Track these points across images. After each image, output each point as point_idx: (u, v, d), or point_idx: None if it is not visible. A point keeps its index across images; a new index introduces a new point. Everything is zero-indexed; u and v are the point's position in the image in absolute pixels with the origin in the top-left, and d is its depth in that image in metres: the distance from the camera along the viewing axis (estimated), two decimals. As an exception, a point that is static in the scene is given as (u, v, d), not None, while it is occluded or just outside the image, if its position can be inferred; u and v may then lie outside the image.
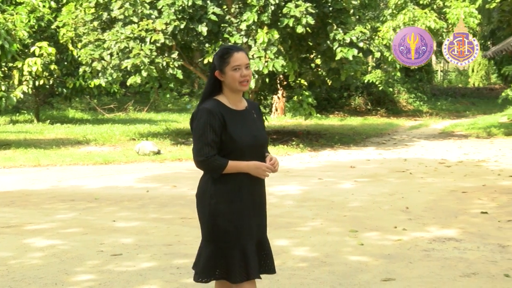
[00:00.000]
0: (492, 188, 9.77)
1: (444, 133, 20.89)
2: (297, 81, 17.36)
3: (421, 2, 24.14)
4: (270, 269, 3.73)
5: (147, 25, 15.24)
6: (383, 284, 5.12)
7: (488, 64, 42.06)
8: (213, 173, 3.54)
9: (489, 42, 36.56)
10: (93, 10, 16.70)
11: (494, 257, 5.85)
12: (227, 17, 15.99)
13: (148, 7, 15.45)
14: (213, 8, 15.47)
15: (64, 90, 23.57)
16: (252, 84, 14.92)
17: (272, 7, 14.99)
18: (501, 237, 6.64)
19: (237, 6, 16.07)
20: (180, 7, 15.10)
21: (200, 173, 3.71)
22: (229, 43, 15.59)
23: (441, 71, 47.54)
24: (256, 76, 14.95)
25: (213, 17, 15.36)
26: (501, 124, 21.98)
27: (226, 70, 3.52)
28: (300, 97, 16.51)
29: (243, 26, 15.25)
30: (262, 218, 3.70)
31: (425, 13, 22.88)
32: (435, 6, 24.31)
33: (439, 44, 35.92)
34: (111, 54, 15.71)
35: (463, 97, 36.96)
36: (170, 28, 15.12)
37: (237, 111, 3.59)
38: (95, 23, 16.81)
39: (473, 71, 42.84)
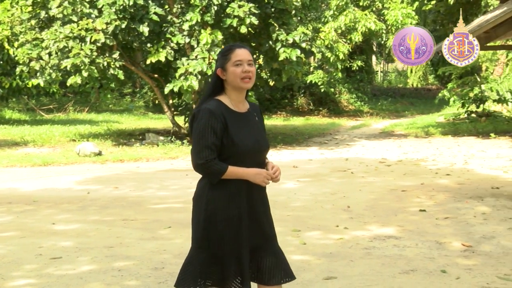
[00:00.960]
0: (430, 186, 10.01)
1: (384, 133, 21.29)
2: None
3: (361, 4, 24.55)
4: (273, 279, 3.48)
5: (87, 24, 14.99)
6: (325, 283, 5.18)
7: (425, 65, 43.07)
8: (212, 178, 3.38)
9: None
10: (30, 9, 16.29)
11: (432, 254, 5.99)
12: (169, 17, 15.88)
13: (87, 6, 15.19)
14: (155, 8, 15.33)
15: (0, 90, 22.93)
16: (196, 85, 14.86)
17: (215, 7, 14.97)
18: (438, 234, 6.80)
19: (179, 6, 15.97)
20: (121, 7, 14.90)
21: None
22: (172, 43, 15.49)
23: (381, 71, 48.43)
24: (200, 76, 14.90)
25: (155, 17, 15.22)
26: (438, 124, 22.55)
27: (228, 66, 3.39)
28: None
29: (185, 26, 15.17)
30: (262, 225, 3.49)
31: (365, 14, 23.29)
32: (374, 8, 24.76)
33: (379, 45, 36.52)
34: (49, 54, 15.37)
35: (402, 97, 37.75)
36: (110, 28, 14.91)
37: (239, 113, 3.44)
38: (33, 22, 16.42)
39: (411, 72, 43.79)
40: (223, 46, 15.25)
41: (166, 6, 16.03)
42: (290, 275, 3.53)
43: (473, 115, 22.51)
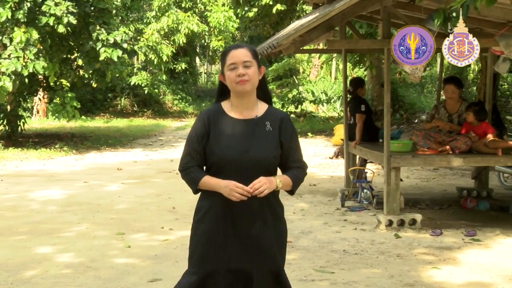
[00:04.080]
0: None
1: (209, 133, 21.52)
2: (59, 82, 16.68)
3: (183, 5, 24.69)
4: None
5: None
6: (150, 285, 5.14)
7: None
8: (190, 186, 3.18)
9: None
10: None
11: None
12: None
13: None
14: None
15: None
16: (10, 86, 14.00)
17: (29, 4, 14.20)
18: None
19: (-13, 0, 14.94)
20: None
21: None
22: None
23: (205, 73, 49.06)
24: (13, 77, 14.07)
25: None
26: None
27: (225, 70, 3.15)
28: (63, 99, 15.90)
29: (-5, 22, 14.22)
30: (248, 246, 3.13)
31: (188, 16, 23.46)
32: (197, 10, 25.02)
33: (202, 47, 36.99)
34: None
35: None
36: None
37: (236, 119, 3.16)
38: None
39: (234, 73, 44.86)
40: (39, 45, 14.61)
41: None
42: None
43: (292, 115, 23.59)
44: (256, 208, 3.13)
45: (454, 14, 5.59)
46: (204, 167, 3.22)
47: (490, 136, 7.34)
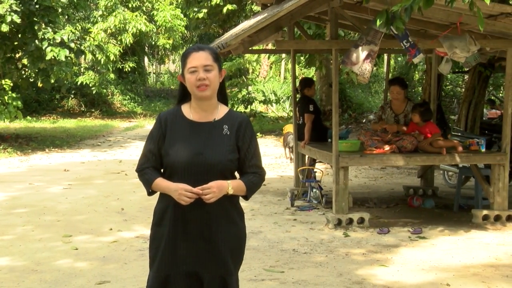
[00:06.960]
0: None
1: (158, 134, 21.33)
2: (1, 82, 16.26)
3: (130, 5, 24.39)
4: None
5: None
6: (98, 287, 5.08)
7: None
8: (145, 187, 3.17)
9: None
10: None
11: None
12: None
13: None
14: None
15: None
16: None
17: (-30, 1, 13.81)
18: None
19: None
20: None
21: None
22: None
23: (154, 73, 48.66)
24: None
25: None
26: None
27: (185, 73, 3.08)
28: (5, 99, 15.49)
29: None
30: (198, 249, 3.09)
31: (136, 15, 23.22)
32: (144, 9, 24.77)
33: (151, 47, 36.73)
34: None
35: (175, 98, 38.25)
36: None
37: (194, 122, 3.11)
38: None
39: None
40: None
41: None
42: None
43: (241, 115, 23.55)
44: (209, 212, 3.07)
45: (399, 15, 5.66)
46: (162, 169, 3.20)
47: (434, 136, 7.50)
